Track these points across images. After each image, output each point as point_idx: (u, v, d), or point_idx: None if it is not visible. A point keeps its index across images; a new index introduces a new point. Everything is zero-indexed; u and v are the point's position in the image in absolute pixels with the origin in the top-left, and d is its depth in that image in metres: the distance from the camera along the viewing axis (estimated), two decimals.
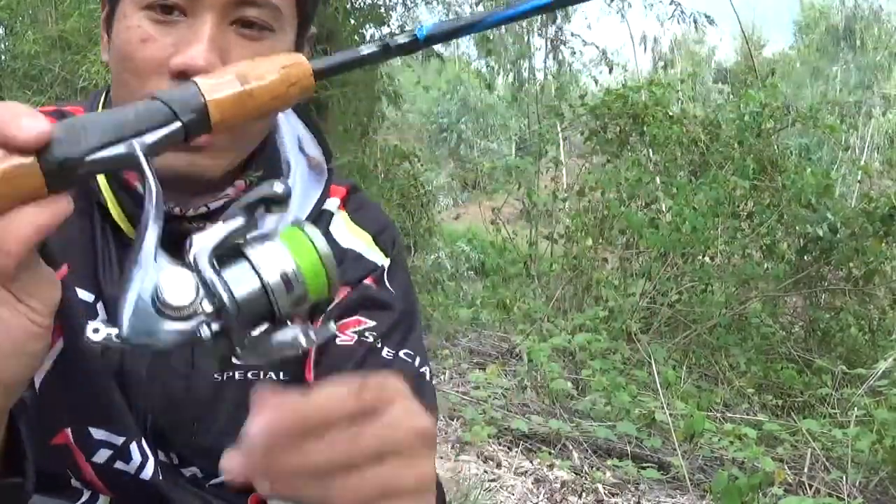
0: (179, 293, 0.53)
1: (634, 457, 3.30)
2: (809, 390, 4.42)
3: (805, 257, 5.63)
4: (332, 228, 0.94)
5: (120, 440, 0.88)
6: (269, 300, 0.55)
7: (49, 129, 0.50)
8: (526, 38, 8.91)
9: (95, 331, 0.53)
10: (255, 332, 0.57)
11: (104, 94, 0.91)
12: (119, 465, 0.89)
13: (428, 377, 0.94)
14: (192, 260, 0.55)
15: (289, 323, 0.58)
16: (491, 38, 8.24)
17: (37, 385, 0.87)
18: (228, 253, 0.56)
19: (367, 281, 0.93)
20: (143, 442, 0.88)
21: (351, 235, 0.95)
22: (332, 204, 0.94)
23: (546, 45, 8.85)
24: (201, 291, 0.54)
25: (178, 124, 0.56)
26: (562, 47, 8.70)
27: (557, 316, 5.17)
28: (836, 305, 5.57)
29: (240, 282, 0.55)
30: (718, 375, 4.80)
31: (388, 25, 7.15)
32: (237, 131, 0.80)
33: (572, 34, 8.73)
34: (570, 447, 3.35)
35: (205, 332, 0.54)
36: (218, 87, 0.57)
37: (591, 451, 3.36)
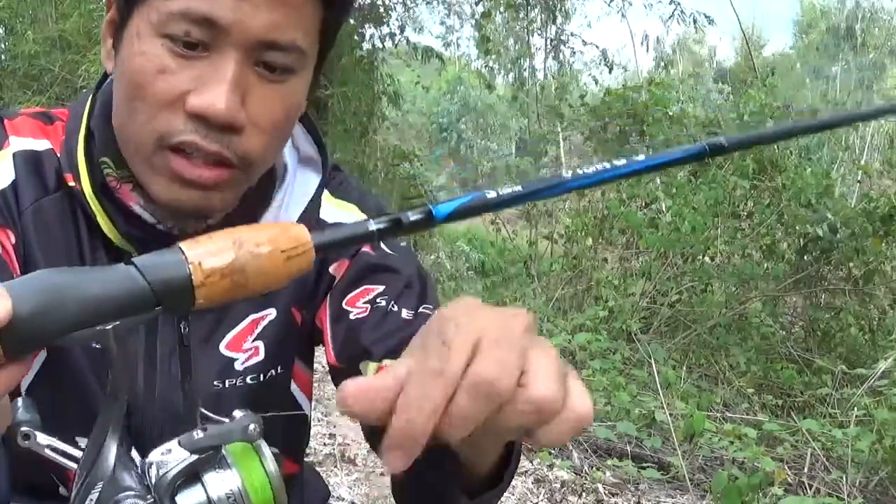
0: None
1: (634, 457, 3.29)
2: (809, 390, 4.41)
3: (805, 257, 5.63)
4: (321, 214, 0.92)
5: None
6: None
7: (9, 314, 0.45)
8: (526, 39, 8.91)
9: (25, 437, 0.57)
10: None
11: (91, 97, 0.87)
12: None
13: None
14: (151, 485, 0.57)
15: None
16: (491, 38, 8.25)
17: (22, 393, 0.86)
18: (187, 476, 0.59)
19: (365, 249, 0.90)
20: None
21: (335, 209, 0.93)
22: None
23: (546, 46, 8.85)
24: None
25: (158, 309, 0.51)
26: (562, 47, 8.71)
27: (557, 316, 5.17)
28: (836, 305, 5.57)
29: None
30: (718, 375, 4.80)
31: (388, 25, 7.15)
32: (254, 170, 0.79)
33: (572, 34, 8.74)
34: (570, 447, 3.35)
35: None
36: (210, 264, 0.50)
37: (591, 451, 3.36)
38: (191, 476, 0.58)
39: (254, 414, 0.59)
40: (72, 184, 0.82)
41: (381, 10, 7.01)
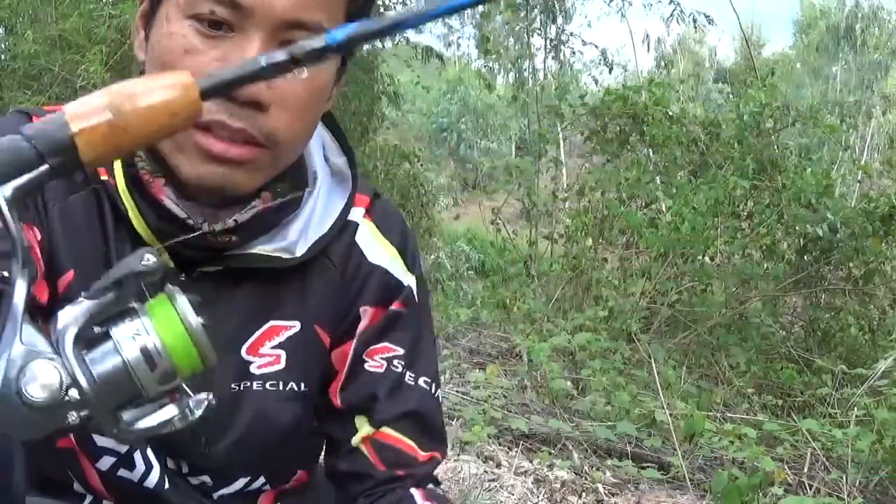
0: (45, 390, 0.52)
1: (634, 457, 3.29)
2: (809, 390, 4.41)
3: (805, 257, 5.63)
4: (358, 239, 0.93)
5: (124, 448, 0.88)
6: (133, 379, 0.54)
7: None
8: (526, 39, 8.92)
9: None
10: (126, 414, 0.55)
11: None
12: (123, 472, 0.89)
13: (440, 399, 0.99)
14: (55, 342, 0.54)
15: (165, 399, 0.56)
16: (490, 38, 8.24)
17: None
18: (96, 331, 0.55)
19: (397, 306, 0.94)
20: (149, 451, 0.88)
21: (378, 248, 0.94)
22: (357, 213, 0.94)
23: (546, 46, 8.85)
24: (65, 378, 0.52)
25: (44, 168, 0.52)
26: (562, 47, 8.71)
27: (557, 316, 5.16)
28: (836, 305, 5.57)
29: (102, 362, 0.54)
30: (718, 375, 4.80)
31: None
32: (280, 152, 0.81)
33: (571, 34, 8.74)
34: (570, 447, 3.35)
35: (72, 418, 0.53)
36: (87, 117, 0.52)
37: (591, 451, 3.36)
38: (101, 334, 0.55)
39: (153, 248, 0.58)
40: (104, 178, 0.84)
41: (381, 10, 7.01)
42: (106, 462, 0.88)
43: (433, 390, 0.97)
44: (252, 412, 0.89)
